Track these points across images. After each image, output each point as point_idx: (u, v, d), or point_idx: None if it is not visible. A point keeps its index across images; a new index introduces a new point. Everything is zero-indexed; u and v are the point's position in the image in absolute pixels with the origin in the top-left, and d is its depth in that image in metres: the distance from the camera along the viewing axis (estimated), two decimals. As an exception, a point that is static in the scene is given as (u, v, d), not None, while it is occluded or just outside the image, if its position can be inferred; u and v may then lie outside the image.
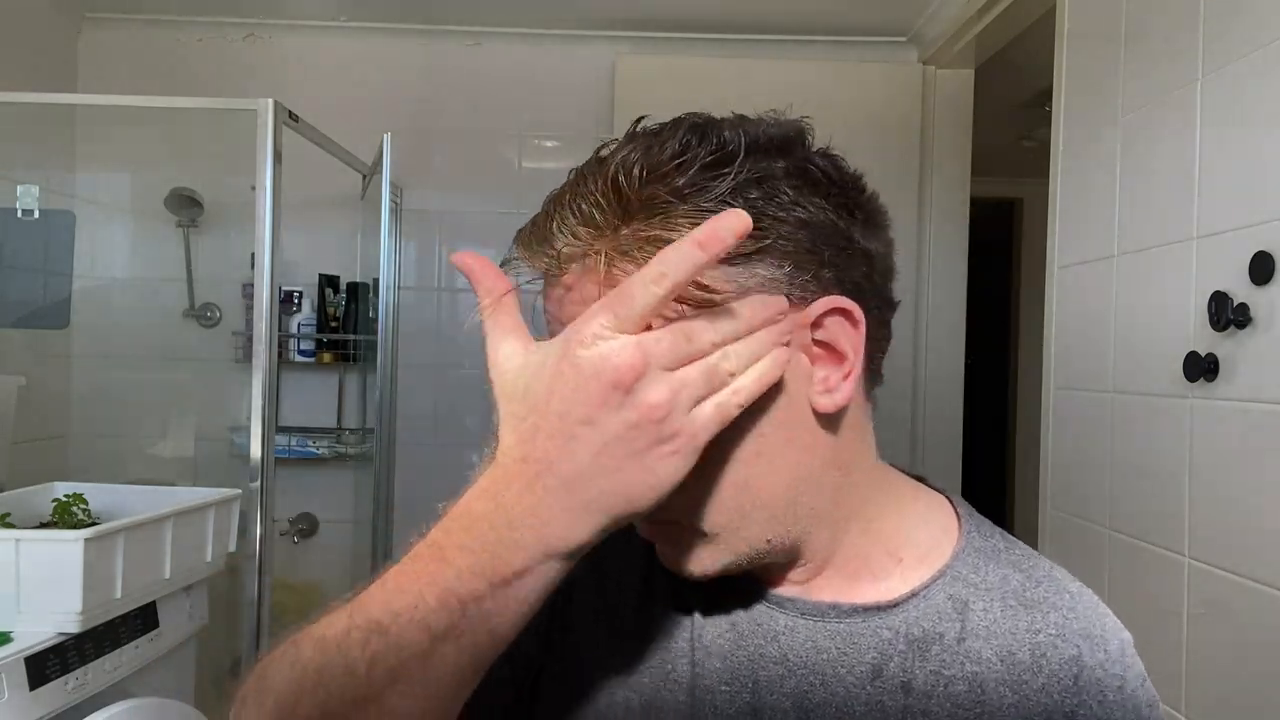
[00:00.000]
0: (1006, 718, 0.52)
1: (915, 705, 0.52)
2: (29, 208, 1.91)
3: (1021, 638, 0.54)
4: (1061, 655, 0.53)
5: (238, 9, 2.30)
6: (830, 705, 0.52)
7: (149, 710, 1.43)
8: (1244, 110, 1.12)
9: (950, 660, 0.53)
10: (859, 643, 0.54)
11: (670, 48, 2.37)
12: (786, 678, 0.53)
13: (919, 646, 0.53)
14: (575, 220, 0.48)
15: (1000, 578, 0.56)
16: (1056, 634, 0.54)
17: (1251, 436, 1.09)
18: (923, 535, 0.58)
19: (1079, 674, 0.53)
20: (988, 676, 0.53)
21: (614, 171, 0.48)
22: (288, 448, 2.28)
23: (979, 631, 0.54)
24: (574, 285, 0.49)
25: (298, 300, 2.32)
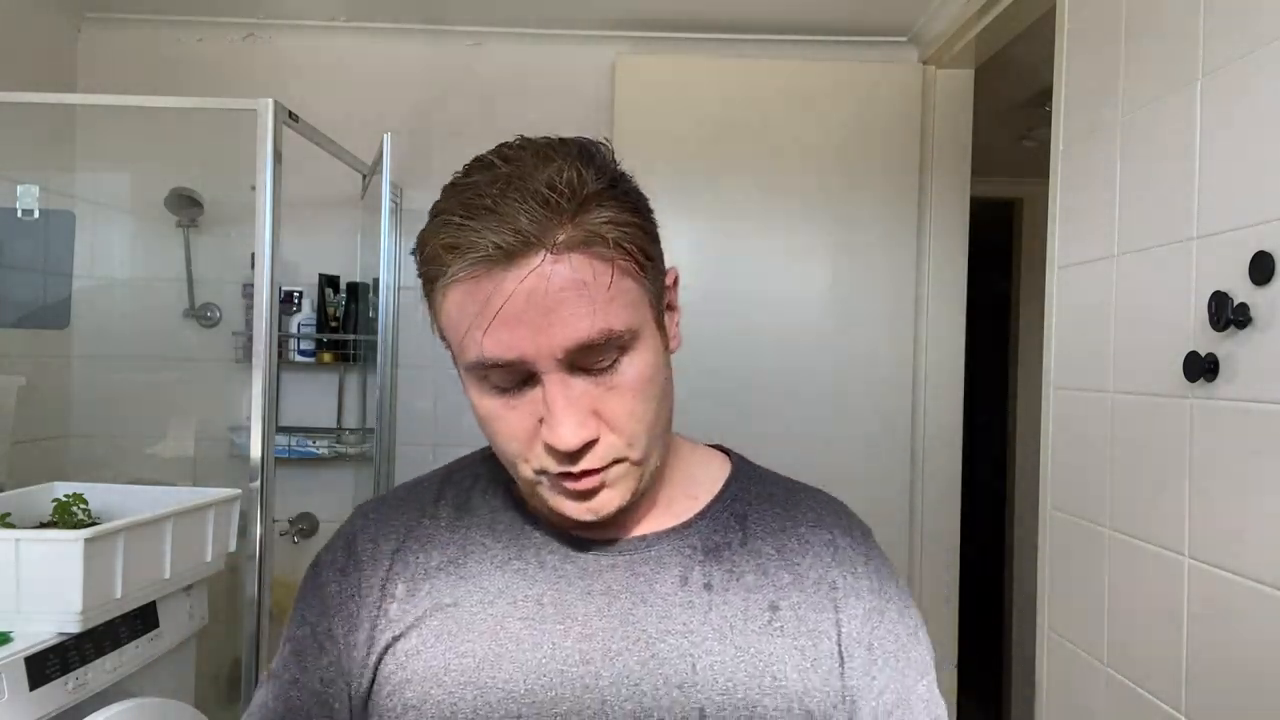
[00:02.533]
0: (787, 589, 0.67)
1: (717, 598, 0.66)
2: (29, 208, 1.91)
3: (789, 531, 0.70)
4: (820, 539, 0.70)
5: (238, 9, 2.30)
6: (650, 615, 0.65)
7: (149, 710, 1.43)
8: (1244, 110, 1.12)
9: (739, 559, 0.68)
10: (664, 561, 0.68)
11: (670, 48, 2.37)
12: (613, 602, 0.66)
13: (713, 553, 0.68)
14: (545, 217, 0.57)
15: (766, 494, 0.73)
16: (815, 525, 0.71)
17: (1251, 436, 1.09)
18: (708, 474, 0.74)
19: (835, 552, 0.70)
20: (769, 565, 0.68)
21: (554, 175, 0.58)
22: (288, 448, 2.28)
23: (757, 534, 0.70)
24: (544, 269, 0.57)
25: (298, 300, 2.32)
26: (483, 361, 0.59)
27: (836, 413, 2.26)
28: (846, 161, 2.26)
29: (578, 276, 0.57)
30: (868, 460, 2.26)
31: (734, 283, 2.26)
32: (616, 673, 0.63)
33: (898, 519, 2.28)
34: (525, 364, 0.59)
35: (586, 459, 0.61)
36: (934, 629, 2.55)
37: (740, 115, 2.26)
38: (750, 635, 0.65)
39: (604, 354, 0.60)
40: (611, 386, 0.61)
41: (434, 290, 0.61)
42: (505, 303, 0.57)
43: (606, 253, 0.58)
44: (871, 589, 0.69)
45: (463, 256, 0.57)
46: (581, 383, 0.60)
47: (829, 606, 0.67)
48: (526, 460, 0.63)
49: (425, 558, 0.70)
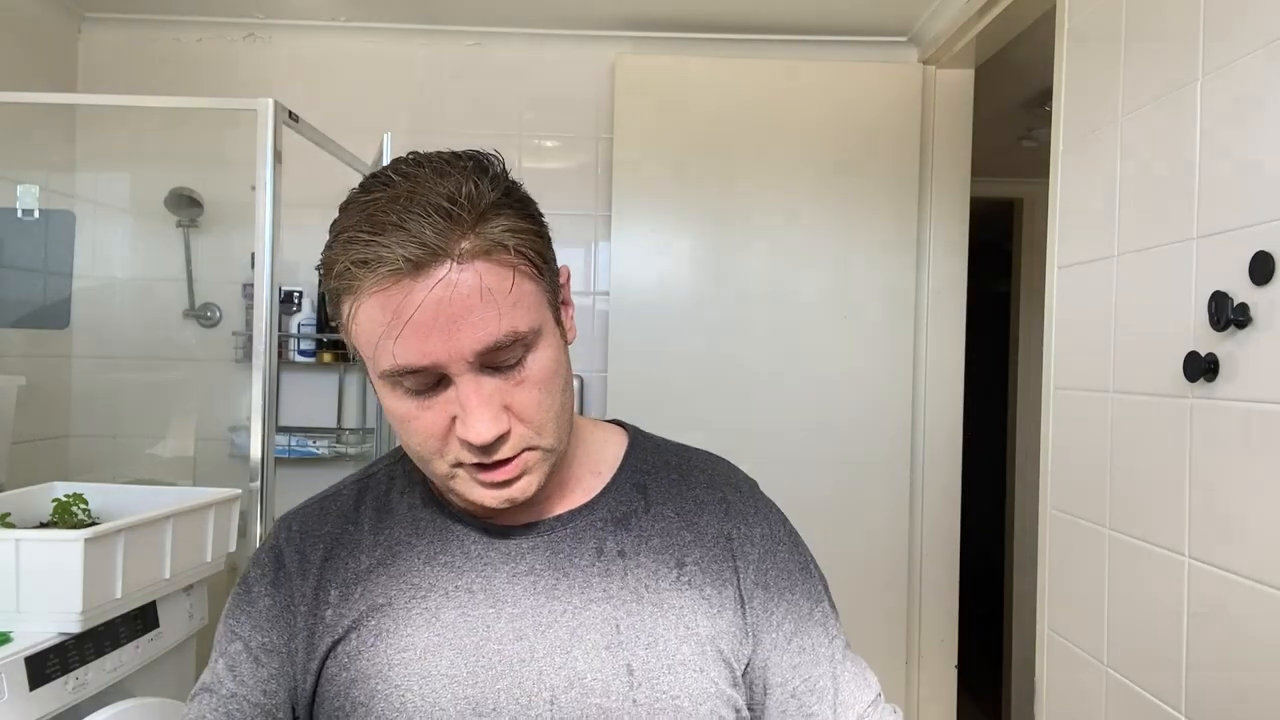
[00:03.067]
0: (690, 546, 0.74)
1: (630, 563, 0.72)
2: (29, 208, 1.91)
3: (686, 494, 0.77)
4: (714, 498, 0.77)
5: (238, 9, 2.30)
6: (572, 589, 0.71)
7: (149, 710, 1.43)
8: (1244, 110, 1.12)
9: (646, 525, 0.74)
10: (579, 536, 0.73)
11: (670, 48, 2.37)
12: (538, 580, 0.71)
13: (621, 523, 0.74)
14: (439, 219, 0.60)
15: (662, 462, 0.80)
16: (708, 486, 0.78)
17: (1251, 436, 1.09)
18: (609, 451, 0.79)
19: (727, 509, 0.77)
20: (672, 529, 0.75)
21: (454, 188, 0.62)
22: (288, 448, 2.28)
23: (658, 500, 0.76)
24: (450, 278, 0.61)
25: (298, 300, 2.32)
26: (397, 369, 0.62)
27: (836, 412, 2.26)
28: (846, 162, 2.26)
29: (482, 283, 0.61)
30: (867, 460, 2.26)
31: (733, 282, 2.26)
32: (549, 644, 0.69)
33: (898, 519, 2.28)
34: (438, 368, 0.62)
35: (500, 450, 0.65)
36: (934, 629, 2.55)
37: (740, 115, 2.26)
38: (663, 592, 0.71)
39: (511, 353, 0.64)
40: (519, 381, 0.65)
41: (343, 305, 0.64)
42: (415, 312, 0.60)
43: (507, 259, 0.62)
44: (763, 534, 0.77)
45: (373, 271, 0.60)
46: (491, 381, 0.64)
47: (727, 557, 0.74)
48: (442, 456, 0.66)
49: (354, 562, 0.73)
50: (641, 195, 2.26)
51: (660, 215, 2.26)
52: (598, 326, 2.34)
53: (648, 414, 2.22)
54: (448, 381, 0.64)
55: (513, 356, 0.64)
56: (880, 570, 2.25)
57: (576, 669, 0.68)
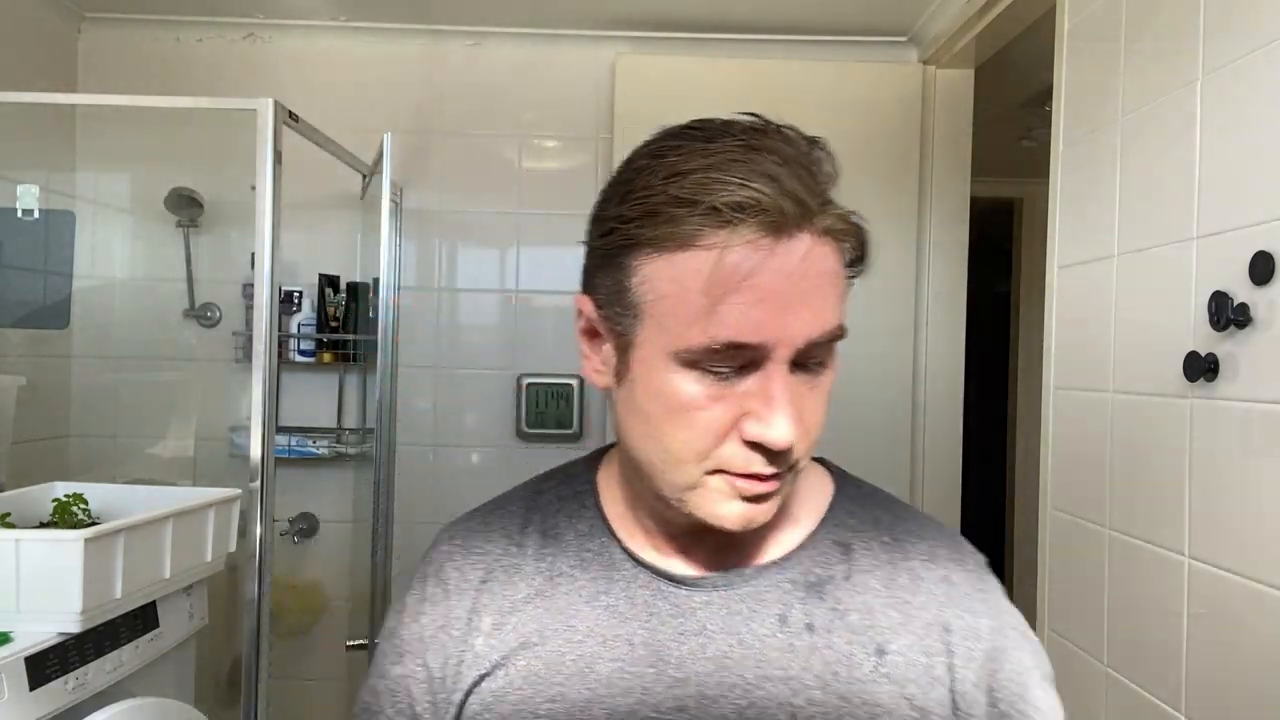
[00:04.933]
0: (895, 632, 0.61)
1: (819, 640, 0.61)
2: (29, 208, 1.91)
3: (899, 565, 0.64)
4: (934, 575, 0.64)
5: (238, 9, 2.30)
6: (748, 658, 0.60)
7: (149, 710, 1.43)
8: (1244, 110, 1.12)
9: (843, 596, 0.62)
10: (763, 598, 0.62)
11: (670, 48, 2.37)
12: (707, 644, 0.61)
13: (815, 589, 0.62)
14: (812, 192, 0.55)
15: (873, 519, 0.67)
16: (927, 559, 0.65)
17: (1251, 436, 1.09)
18: (812, 497, 0.68)
19: (949, 591, 0.63)
20: (875, 604, 0.62)
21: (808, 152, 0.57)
22: (288, 448, 2.28)
23: (863, 567, 0.64)
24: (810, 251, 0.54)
25: (298, 300, 2.32)
26: (718, 343, 0.53)
27: (836, 413, 2.23)
28: (846, 161, 2.23)
29: (832, 264, 0.55)
30: (868, 460, 2.24)
31: (734, 283, 2.26)
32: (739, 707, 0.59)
33: (898, 519, 2.27)
34: (763, 349, 0.54)
35: (780, 459, 0.57)
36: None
37: (740, 115, 2.26)
38: (855, 682, 0.59)
39: (824, 352, 0.57)
40: (813, 387, 0.58)
41: (634, 258, 0.56)
42: (768, 278, 0.52)
43: (843, 247, 0.57)
44: (991, 629, 0.62)
45: (725, 220, 0.52)
46: (795, 380, 0.56)
47: (941, 650, 0.61)
48: (703, 459, 0.57)
49: (512, 589, 0.66)
50: (641, 195, 2.25)
51: (660, 215, 2.26)
52: (598, 326, 2.34)
53: (648, 414, 2.23)
54: (752, 369, 0.55)
55: (821, 356, 0.57)
56: (880, 570, 2.25)
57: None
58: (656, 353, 0.56)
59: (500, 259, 2.40)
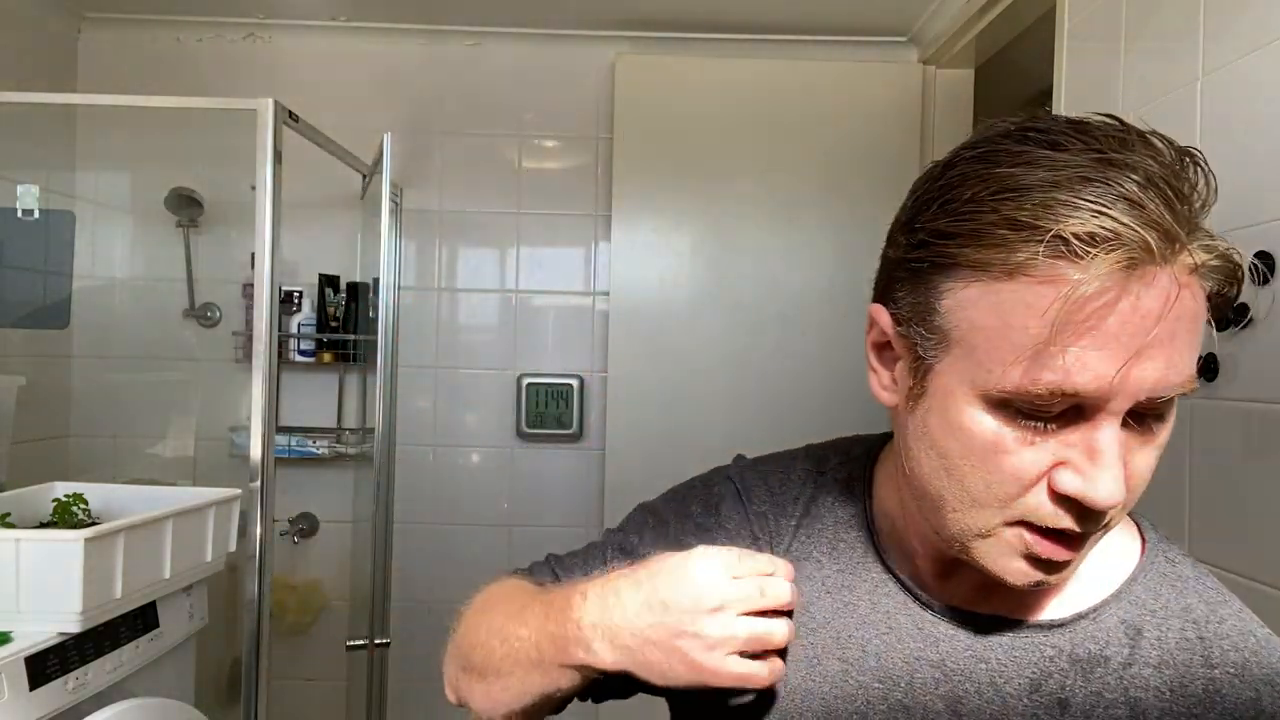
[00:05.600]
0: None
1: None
2: (29, 208, 1.91)
3: (1196, 671, 0.53)
4: (1239, 696, 0.52)
5: (238, 9, 2.30)
6: (984, 712, 0.54)
7: (149, 710, 1.43)
8: (1244, 110, 1.12)
9: (1114, 684, 0.53)
10: (1020, 657, 0.55)
11: (670, 48, 2.37)
12: (943, 681, 0.56)
13: (1083, 667, 0.54)
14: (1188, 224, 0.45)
15: (1182, 607, 0.55)
16: (1236, 674, 0.52)
17: (1251, 436, 1.09)
18: (1106, 557, 0.58)
19: (1256, 718, 0.51)
20: (1152, 705, 0.52)
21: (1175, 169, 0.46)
22: (288, 448, 2.28)
23: (1150, 659, 0.54)
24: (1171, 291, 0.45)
25: (298, 300, 2.32)
26: (1043, 387, 0.46)
27: (837, 413, 2.25)
28: (846, 161, 2.26)
29: (1195, 306, 0.46)
30: (868, 460, 2.26)
31: (734, 283, 2.26)
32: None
33: (898, 519, 2.27)
34: (1098, 400, 0.46)
35: (1093, 520, 0.49)
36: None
37: (740, 115, 2.26)
38: None
39: (1163, 406, 0.49)
40: (1145, 443, 0.50)
41: (948, 280, 0.49)
42: (1114, 320, 0.44)
43: (1208, 285, 0.47)
44: None
45: (1063, 247, 0.44)
46: (1124, 433, 0.48)
47: None
48: (1004, 507, 0.50)
49: (774, 536, 0.66)
50: (641, 195, 2.26)
51: (660, 215, 2.26)
52: (598, 326, 2.34)
53: (647, 414, 2.23)
54: (1076, 418, 0.48)
55: (1161, 410, 0.49)
56: (880, 570, 2.25)
57: None
58: (961, 385, 0.49)
59: (500, 259, 2.40)
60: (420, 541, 2.37)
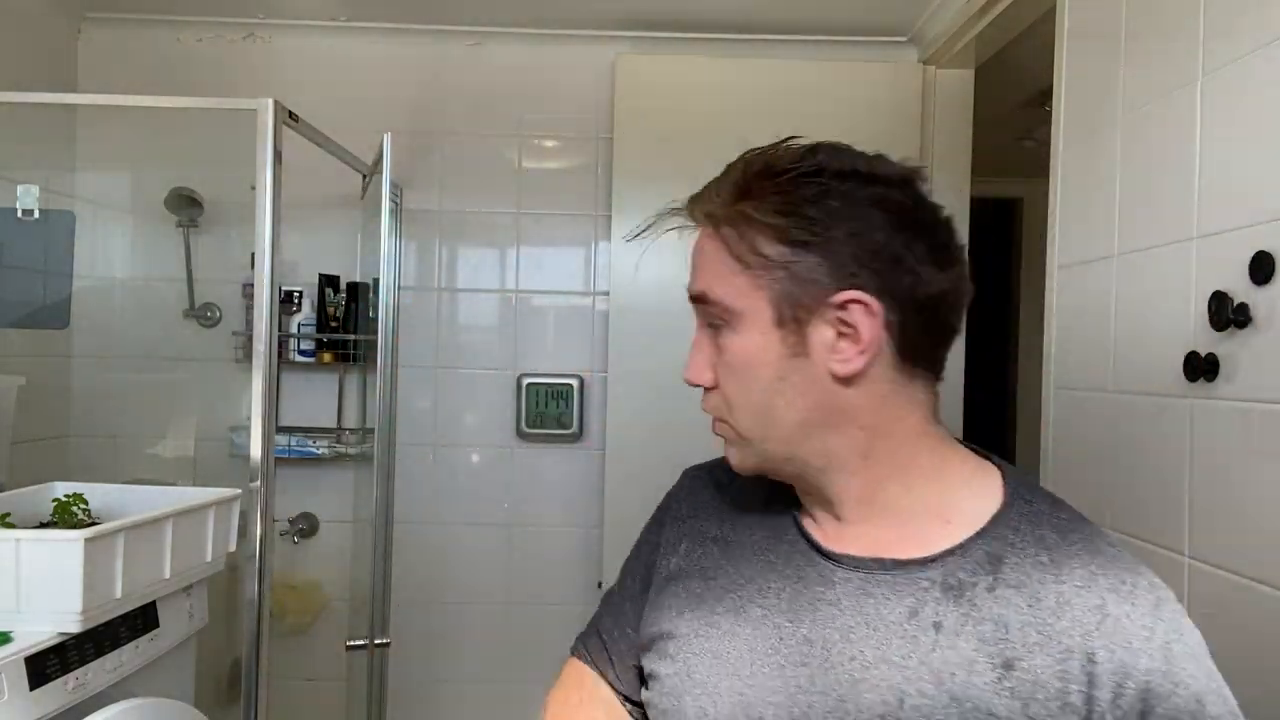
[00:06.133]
0: (1031, 650, 0.60)
1: (944, 640, 0.62)
2: (29, 208, 1.91)
3: (1049, 587, 0.62)
4: (1086, 602, 0.61)
5: (238, 9, 2.30)
6: (871, 639, 0.65)
7: (149, 710, 1.43)
8: (1244, 110, 1.12)
9: (980, 605, 0.63)
10: (900, 590, 0.65)
11: (670, 48, 2.37)
12: (838, 615, 0.67)
13: (953, 593, 0.64)
14: (714, 191, 0.70)
15: (1036, 537, 0.65)
16: (1084, 583, 0.62)
17: (1251, 436, 1.09)
18: (968, 500, 0.68)
19: (1102, 620, 0.60)
20: (1013, 618, 0.61)
21: (742, 163, 0.71)
22: (288, 448, 2.28)
23: (1010, 582, 0.63)
24: (703, 240, 0.71)
25: (298, 300, 2.32)
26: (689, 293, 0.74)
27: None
28: (846, 161, 2.25)
29: (711, 245, 0.70)
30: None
31: (734, 283, 2.26)
32: (827, 684, 0.65)
33: (898, 519, 2.27)
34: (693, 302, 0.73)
35: (704, 403, 0.74)
36: (934, 629, 2.52)
37: (740, 115, 2.26)
38: (972, 689, 0.60)
39: (715, 313, 0.70)
40: (721, 350, 0.71)
41: None
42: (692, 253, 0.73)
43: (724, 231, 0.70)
44: (1150, 669, 0.59)
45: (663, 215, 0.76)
46: (704, 335, 0.72)
47: (1081, 680, 0.59)
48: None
49: (707, 527, 0.80)
50: (641, 195, 2.25)
51: (660, 215, 2.26)
52: (598, 326, 2.34)
53: (647, 414, 2.23)
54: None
55: (714, 316, 0.70)
56: (880, 570, 2.25)
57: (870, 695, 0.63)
58: None
59: (500, 259, 2.40)
60: (420, 541, 2.37)
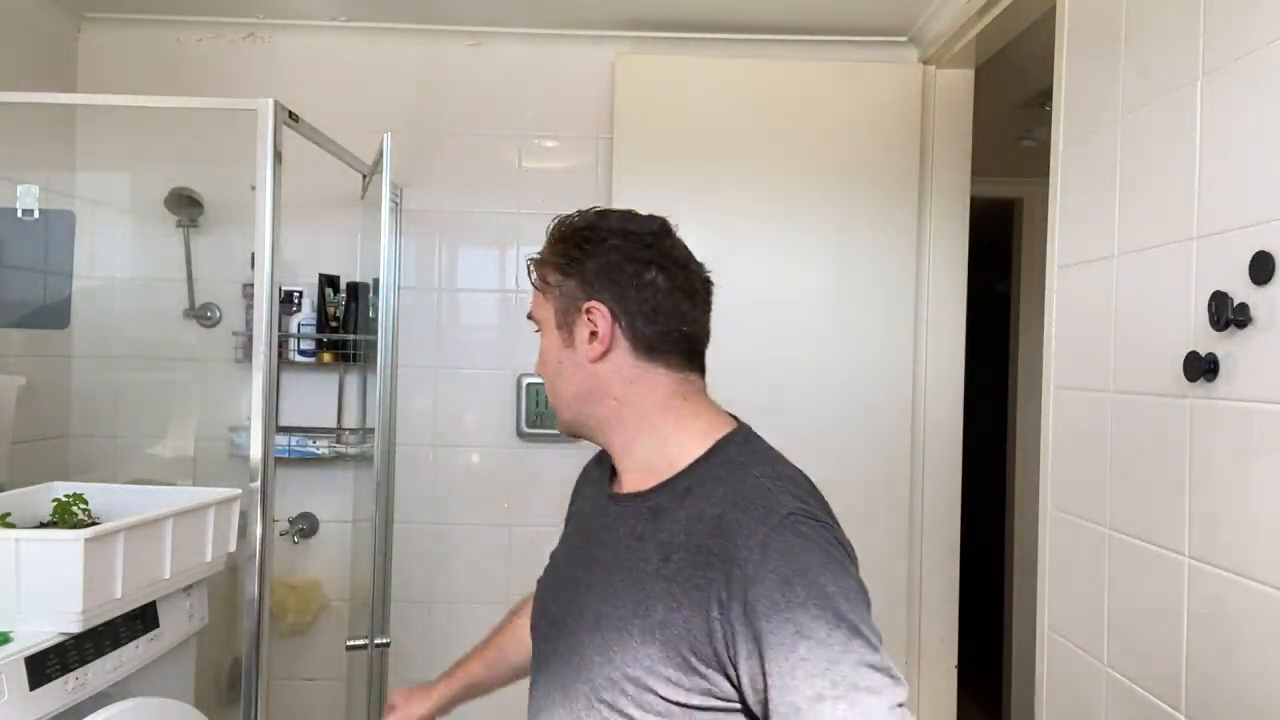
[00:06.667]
0: (678, 548, 0.85)
1: (639, 545, 0.89)
2: (29, 208, 1.91)
3: (716, 509, 0.85)
4: (712, 512, 0.85)
5: (238, 9, 2.30)
6: (609, 546, 0.93)
7: (149, 710, 1.43)
8: (1244, 110, 1.12)
9: (670, 523, 0.88)
10: (627, 514, 0.93)
11: (670, 48, 2.37)
12: (600, 532, 0.97)
13: (655, 515, 0.90)
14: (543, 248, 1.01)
15: (714, 476, 0.89)
16: (719, 501, 0.86)
17: (1251, 436, 1.09)
18: (689, 452, 0.93)
19: (720, 524, 0.83)
20: (694, 529, 0.85)
21: (553, 227, 1.00)
22: (288, 448, 2.28)
23: (693, 507, 0.87)
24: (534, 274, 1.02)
25: (298, 300, 2.32)
26: None
27: (836, 413, 2.25)
28: (846, 161, 2.26)
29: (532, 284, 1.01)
30: (868, 460, 2.26)
31: (733, 283, 2.24)
32: (576, 579, 0.97)
33: (898, 519, 2.27)
34: None
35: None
36: (934, 629, 2.55)
37: (740, 116, 2.26)
38: (645, 574, 0.86)
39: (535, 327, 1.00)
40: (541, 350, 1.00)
41: None
42: None
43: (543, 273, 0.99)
44: (758, 562, 0.79)
45: None
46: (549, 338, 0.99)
47: (705, 566, 0.82)
48: None
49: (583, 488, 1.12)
50: (641, 195, 2.25)
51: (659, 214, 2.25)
52: (598, 326, 2.34)
53: (648, 414, 2.23)
54: None
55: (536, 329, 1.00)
56: (881, 570, 2.25)
57: (578, 601, 0.93)
58: None
59: (500, 259, 2.40)
60: (420, 541, 2.37)
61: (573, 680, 0.89)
